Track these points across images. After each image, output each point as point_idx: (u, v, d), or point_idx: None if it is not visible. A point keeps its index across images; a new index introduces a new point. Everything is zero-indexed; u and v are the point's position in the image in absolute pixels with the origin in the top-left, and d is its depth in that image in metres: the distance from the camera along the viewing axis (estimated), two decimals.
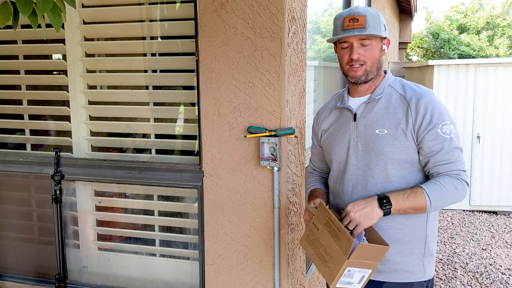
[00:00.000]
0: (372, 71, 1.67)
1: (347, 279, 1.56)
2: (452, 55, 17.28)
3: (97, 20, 2.60)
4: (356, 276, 1.56)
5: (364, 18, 1.62)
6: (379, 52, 1.67)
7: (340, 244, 1.53)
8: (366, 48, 1.64)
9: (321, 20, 3.53)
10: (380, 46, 1.68)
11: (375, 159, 1.67)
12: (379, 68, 1.70)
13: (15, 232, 2.83)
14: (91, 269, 2.75)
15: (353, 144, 1.73)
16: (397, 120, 1.64)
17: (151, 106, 2.56)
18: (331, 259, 1.57)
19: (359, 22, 1.62)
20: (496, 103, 5.75)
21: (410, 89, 1.68)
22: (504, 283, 3.91)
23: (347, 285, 1.59)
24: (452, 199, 1.61)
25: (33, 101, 2.89)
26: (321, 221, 1.64)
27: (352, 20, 1.63)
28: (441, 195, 1.58)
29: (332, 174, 1.84)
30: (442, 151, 1.60)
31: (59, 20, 1.37)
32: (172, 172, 2.42)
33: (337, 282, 1.55)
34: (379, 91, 1.70)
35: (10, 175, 2.76)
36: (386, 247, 1.55)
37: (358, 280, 1.58)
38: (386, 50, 1.71)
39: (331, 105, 1.88)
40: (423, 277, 1.71)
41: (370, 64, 1.66)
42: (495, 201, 5.88)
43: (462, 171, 1.62)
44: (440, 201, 1.59)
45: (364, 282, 1.60)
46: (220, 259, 2.35)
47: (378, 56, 1.67)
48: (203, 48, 2.22)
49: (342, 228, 1.54)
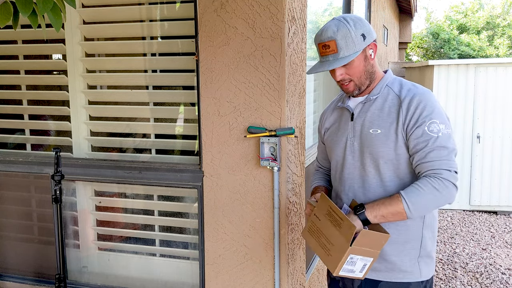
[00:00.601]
0: (363, 83, 1.68)
1: (349, 266, 1.57)
2: (452, 55, 17.28)
3: (97, 20, 2.60)
4: (358, 264, 1.58)
5: (334, 43, 1.59)
6: (363, 64, 1.65)
7: (342, 232, 1.55)
8: (347, 67, 1.64)
9: (321, 20, 3.53)
10: (363, 57, 1.64)
11: (369, 158, 1.68)
12: (370, 76, 1.69)
13: (15, 232, 2.83)
14: (91, 269, 2.75)
15: (350, 143, 1.73)
16: (391, 119, 1.64)
17: (151, 106, 2.56)
18: (333, 248, 1.59)
19: (330, 48, 1.60)
20: (496, 103, 5.75)
21: (407, 89, 1.67)
22: (504, 283, 3.91)
23: (350, 273, 1.60)
24: (436, 201, 1.55)
25: (33, 101, 2.89)
26: (322, 211, 1.66)
27: (324, 47, 1.62)
28: (419, 197, 1.54)
29: (332, 173, 1.86)
30: (425, 149, 1.57)
31: (59, 20, 1.37)
32: (172, 172, 2.42)
33: (340, 270, 1.56)
34: (376, 91, 1.71)
35: (10, 175, 2.76)
36: (387, 235, 1.56)
37: (360, 269, 1.60)
38: (373, 55, 1.68)
39: (334, 104, 1.91)
40: (420, 278, 1.71)
41: (357, 78, 1.66)
42: (495, 201, 5.88)
43: (446, 170, 1.55)
44: (420, 204, 1.55)
45: (366, 270, 1.61)
46: (220, 259, 2.35)
47: (363, 68, 1.65)
48: (203, 48, 2.22)
49: (343, 216, 1.55)
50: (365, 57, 1.65)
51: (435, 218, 1.75)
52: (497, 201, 5.87)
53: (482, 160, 5.84)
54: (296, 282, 2.44)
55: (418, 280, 1.70)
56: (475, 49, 17.62)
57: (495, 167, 5.82)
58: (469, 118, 5.80)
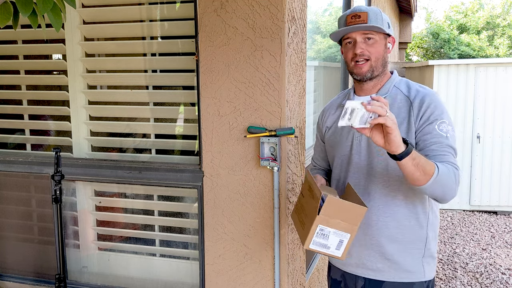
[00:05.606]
0: (377, 67, 1.67)
1: (321, 240, 1.49)
2: (452, 55, 17.28)
3: (97, 20, 2.60)
4: (332, 238, 1.49)
5: (366, 14, 1.62)
6: (383, 48, 1.67)
7: (315, 202, 1.48)
8: (369, 43, 1.64)
9: (321, 20, 3.53)
10: (384, 43, 1.67)
11: (377, 158, 1.67)
12: (384, 65, 1.69)
13: (15, 232, 2.83)
14: (91, 269, 2.75)
15: (357, 142, 1.73)
16: (400, 120, 1.64)
17: (151, 106, 2.56)
18: (307, 220, 1.53)
19: (361, 18, 1.62)
20: (496, 103, 5.75)
21: (415, 90, 1.68)
22: (504, 283, 3.91)
23: (324, 248, 1.51)
24: (450, 186, 1.53)
25: (33, 101, 2.89)
26: (305, 188, 1.64)
27: (354, 17, 1.64)
28: (445, 174, 1.51)
29: (335, 172, 1.84)
30: (437, 144, 1.57)
31: (59, 20, 1.37)
32: (172, 172, 2.42)
33: (310, 242, 1.48)
34: (384, 90, 1.70)
35: (10, 175, 2.76)
36: (362, 208, 1.46)
37: (336, 245, 1.50)
38: (391, 49, 1.71)
39: (337, 103, 1.89)
40: (423, 278, 1.71)
41: (374, 59, 1.65)
42: (495, 201, 5.88)
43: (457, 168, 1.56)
44: (441, 179, 1.50)
45: (344, 248, 1.51)
46: (220, 259, 2.35)
47: (382, 53, 1.67)
48: (203, 48, 2.22)
49: (317, 187, 1.49)
50: (385, 44, 1.68)
51: (437, 218, 1.75)
52: (497, 201, 5.87)
53: (482, 160, 5.84)
54: (296, 282, 2.44)
55: (421, 280, 1.70)
56: (475, 49, 17.61)
57: (495, 167, 5.82)
58: (469, 118, 5.80)
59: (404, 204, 1.67)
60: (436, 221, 1.74)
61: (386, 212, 1.68)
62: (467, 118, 5.80)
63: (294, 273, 2.40)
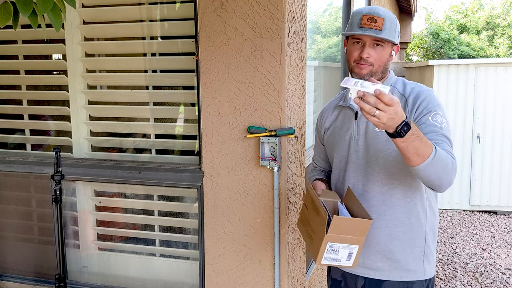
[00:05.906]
0: (377, 73, 1.68)
1: (332, 255, 1.54)
2: (452, 55, 17.27)
3: (97, 20, 2.60)
4: (342, 252, 1.54)
5: (382, 21, 1.62)
6: (387, 56, 1.68)
7: (321, 220, 1.53)
8: (377, 50, 1.65)
9: (321, 20, 3.53)
10: (389, 51, 1.69)
11: (375, 157, 1.68)
12: (384, 71, 1.71)
13: (15, 232, 2.83)
14: (91, 269, 2.75)
15: (354, 142, 1.73)
16: None
17: (151, 106, 2.56)
18: (316, 236, 1.57)
19: (377, 23, 1.62)
20: (496, 103, 5.74)
21: (410, 87, 1.70)
22: (504, 283, 3.91)
23: (335, 262, 1.56)
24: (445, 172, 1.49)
25: (33, 101, 2.89)
26: (309, 201, 1.67)
27: (370, 19, 1.63)
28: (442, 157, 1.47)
29: (334, 172, 1.85)
30: (432, 133, 1.55)
31: (59, 20, 1.37)
32: (172, 172, 2.42)
33: (322, 259, 1.54)
34: None
35: (10, 175, 2.76)
36: (367, 221, 1.51)
37: (346, 257, 1.55)
38: (394, 56, 1.73)
39: (335, 103, 1.90)
40: (423, 276, 1.71)
41: (377, 66, 1.67)
42: (495, 201, 5.88)
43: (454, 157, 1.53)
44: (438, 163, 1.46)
45: (354, 259, 1.57)
46: (220, 259, 2.35)
47: (385, 60, 1.68)
48: (203, 48, 2.22)
49: (320, 203, 1.53)
50: (390, 52, 1.69)
51: (436, 216, 1.75)
52: (497, 201, 5.87)
53: (482, 160, 5.84)
54: (296, 282, 2.44)
55: (421, 279, 1.71)
56: (475, 49, 17.60)
57: (495, 167, 5.82)
58: (469, 118, 5.80)
59: (403, 202, 1.68)
60: (435, 219, 1.74)
61: (385, 210, 1.68)
62: (467, 118, 5.80)
63: (294, 273, 2.40)
